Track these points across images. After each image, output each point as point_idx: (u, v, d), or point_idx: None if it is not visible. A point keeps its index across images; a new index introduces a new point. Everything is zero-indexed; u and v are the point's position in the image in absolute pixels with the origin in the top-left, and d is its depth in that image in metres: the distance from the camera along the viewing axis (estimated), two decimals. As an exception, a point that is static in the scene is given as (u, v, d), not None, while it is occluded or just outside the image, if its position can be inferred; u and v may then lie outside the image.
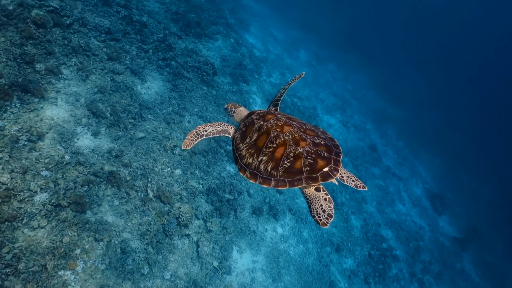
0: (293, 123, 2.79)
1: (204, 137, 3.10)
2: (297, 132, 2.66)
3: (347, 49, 28.97)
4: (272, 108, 3.35)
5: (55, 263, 5.39)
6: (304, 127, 2.79)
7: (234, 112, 3.33)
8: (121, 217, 6.59)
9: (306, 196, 2.54)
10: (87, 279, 5.64)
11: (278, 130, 2.68)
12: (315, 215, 2.39)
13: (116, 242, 6.29)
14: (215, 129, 3.15)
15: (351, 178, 2.70)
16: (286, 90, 3.40)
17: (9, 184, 5.38)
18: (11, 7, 6.89)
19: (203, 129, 3.12)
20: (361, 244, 12.23)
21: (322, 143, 2.64)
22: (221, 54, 13.12)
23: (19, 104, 6.18)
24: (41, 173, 5.85)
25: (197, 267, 7.30)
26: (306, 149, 2.53)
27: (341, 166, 2.54)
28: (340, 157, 2.58)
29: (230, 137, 3.17)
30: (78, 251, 5.74)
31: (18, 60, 6.57)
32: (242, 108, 3.35)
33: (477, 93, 40.83)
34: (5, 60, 6.37)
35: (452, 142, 27.94)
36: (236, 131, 3.11)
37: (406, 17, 48.08)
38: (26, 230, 5.31)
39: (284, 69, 17.81)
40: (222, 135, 3.18)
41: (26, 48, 6.84)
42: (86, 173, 6.45)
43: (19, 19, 6.96)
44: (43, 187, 5.74)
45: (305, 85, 18.71)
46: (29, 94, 6.39)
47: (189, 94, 9.91)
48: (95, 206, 6.33)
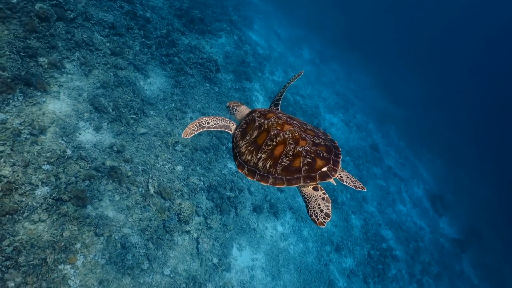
0: (294, 122, 2.78)
1: (206, 129, 3.11)
2: (297, 131, 2.65)
3: (350, 48, 28.88)
4: (273, 108, 3.34)
5: (55, 257, 5.40)
6: (304, 127, 2.78)
7: (236, 110, 3.32)
8: (122, 212, 6.59)
9: (303, 195, 2.52)
10: (87, 273, 5.66)
11: (279, 128, 2.67)
12: (313, 214, 2.38)
13: (117, 237, 6.30)
14: (217, 123, 3.15)
15: (350, 179, 2.69)
16: (286, 89, 3.39)
17: (10, 177, 5.38)
18: (14, 0, 6.87)
19: (206, 121, 3.13)
20: (361, 244, 12.23)
21: (322, 143, 2.63)
22: (224, 51, 13.08)
23: (22, 98, 6.17)
24: (43, 167, 5.85)
25: (196, 264, 7.31)
26: (306, 148, 2.52)
27: (340, 166, 2.53)
28: (339, 158, 2.56)
29: (231, 133, 3.17)
30: (78, 245, 5.75)
31: (21, 54, 6.56)
32: (244, 107, 3.35)
33: (478, 93, 40.65)
34: (8, 53, 6.36)
35: (454, 143, 27.86)
36: (237, 128, 3.11)
37: (409, 17, 47.92)
38: (26, 223, 5.32)
39: (287, 67, 17.74)
40: (223, 131, 3.19)
41: (29, 42, 6.83)
42: (88, 168, 6.46)
43: (23, 13, 6.94)
44: (44, 181, 5.75)
45: (308, 83, 18.66)
46: (31, 88, 6.38)
47: (191, 90, 9.89)
48: (96, 201, 6.33)
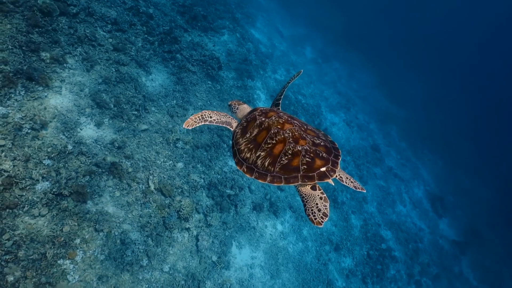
0: (295, 122, 2.78)
1: (207, 123, 3.10)
2: (297, 130, 2.65)
3: (353, 47, 28.81)
4: (274, 108, 3.34)
5: (55, 252, 5.41)
6: (305, 127, 2.78)
7: (238, 109, 3.33)
8: (122, 208, 6.60)
9: (301, 194, 2.52)
10: (86, 269, 5.66)
11: (279, 127, 2.67)
12: (310, 213, 2.38)
13: (116, 233, 6.30)
14: (220, 119, 3.15)
15: (350, 180, 2.70)
16: (286, 88, 3.40)
17: (11, 172, 5.38)
18: (17, -6, 6.86)
19: (209, 115, 3.13)
20: (360, 244, 12.22)
21: (322, 144, 2.63)
22: (226, 49, 13.05)
23: (23, 92, 6.17)
24: (43, 162, 5.85)
25: (196, 261, 7.31)
26: (305, 147, 2.52)
27: (339, 167, 2.53)
28: (338, 159, 2.56)
29: (232, 130, 3.17)
30: (78, 240, 5.76)
31: (23, 48, 6.55)
32: (245, 105, 3.36)
33: (479, 95, 40.54)
34: (10, 47, 6.35)
35: (455, 144, 27.80)
36: (237, 125, 3.12)
37: (412, 17, 47.72)
38: (26, 218, 5.32)
39: (289, 65, 17.70)
40: (225, 127, 3.20)
41: (32, 36, 6.82)
42: (88, 163, 6.46)
43: (26, 7, 6.93)
44: (45, 175, 5.75)
45: (309, 82, 18.62)
46: (33, 82, 6.38)
47: (193, 87, 9.87)
48: (96, 196, 6.33)
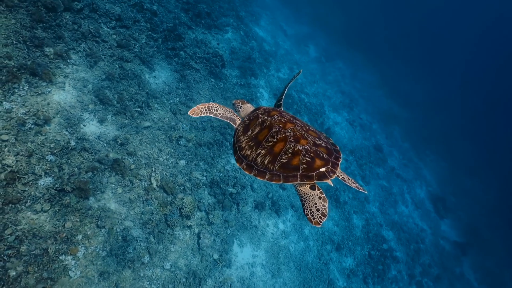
0: (297, 122, 2.80)
1: (212, 115, 3.15)
2: (299, 130, 2.66)
3: (356, 47, 28.71)
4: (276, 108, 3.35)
5: (57, 247, 5.41)
6: (307, 127, 2.79)
7: (241, 108, 3.37)
8: (124, 205, 6.59)
9: (300, 194, 2.52)
10: (88, 265, 5.67)
11: (281, 126, 2.69)
12: (309, 213, 2.38)
13: (118, 230, 6.30)
14: (225, 114, 3.20)
15: (351, 181, 2.71)
16: (287, 89, 3.44)
17: (14, 167, 5.39)
18: (22, -11, 6.84)
19: (215, 108, 3.18)
20: (361, 243, 12.20)
21: (323, 145, 2.64)
22: (230, 47, 13.00)
23: (27, 87, 6.16)
24: (46, 157, 5.85)
25: (197, 259, 7.31)
26: (306, 147, 2.52)
27: (339, 169, 2.53)
28: (339, 161, 2.57)
29: (235, 128, 3.21)
30: (80, 236, 5.76)
31: (27, 43, 6.54)
32: (249, 105, 3.41)
33: (482, 96, 40.36)
34: (15, 42, 6.35)
35: (458, 146, 27.69)
36: (240, 123, 3.16)
37: (416, 17, 47.48)
38: (29, 213, 5.33)
39: (292, 64, 17.65)
40: (229, 122, 3.24)
41: (36, 31, 6.81)
42: (91, 160, 6.45)
43: (30, 2, 6.92)
44: (47, 171, 5.75)
45: (313, 81, 18.56)
46: (37, 78, 6.37)
47: (196, 85, 9.85)
48: (98, 193, 6.33)
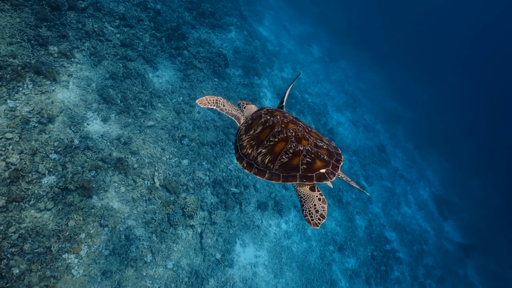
0: (299, 123, 2.80)
1: (219, 110, 3.21)
2: (301, 131, 2.66)
3: (360, 47, 28.63)
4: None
5: (60, 246, 5.42)
6: (309, 129, 2.80)
7: (245, 108, 3.39)
8: (127, 204, 6.60)
9: (299, 195, 2.51)
10: (91, 263, 5.67)
11: (283, 126, 2.70)
12: (307, 214, 2.36)
13: (121, 229, 6.30)
14: (231, 111, 3.25)
15: (353, 182, 2.72)
16: (289, 91, 3.44)
17: (18, 165, 5.40)
18: (27, -12, 6.86)
19: (222, 103, 3.25)
20: (364, 244, 12.15)
21: (324, 147, 2.63)
22: (233, 46, 12.99)
23: (31, 86, 6.18)
24: (50, 156, 5.86)
25: (199, 258, 7.30)
26: (307, 148, 2.52)
27: (339, 171, 2.52)
28: (340, 164, 2.55)
29: (238, 126, 3.23)
30: (83, 235, 5.77)
31: (32, 42, 6.56)
32: (253, 106, 3.43)
33: (488, 97, 40.10)
34: (19, 40, 6.36)
35: (462, 146, 27.55)
36: (243, 122, 3.18)
37: (421, 17, 47.28)
38: (32, 211, 5.34)
39: (296, 64, 17.61)
40: (234, 120, 3.25)
41: (40, 30, 6.82)
42: (94, 158, 6.46)
43: (35, 1, 6.93)
44: (51, 169, 5.76)
45: (316, 81, 18.52)
46: (41, 76, 6.39)
47: (200, 84, 9.84)
48: (101, 191, 6.34)
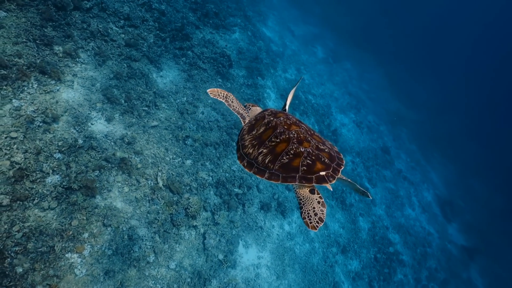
0: (302, 125, 2.81)
1: (226, 104, 3.26)
2: (303, 133, 2.67)
3: (364, 48, 28.54)
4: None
5: (63, 245, 5.43)
6: (312, 132, 2.80)
7: (250, 110, 3.41)
8: (130, 204, 6.60)
9: (299, 197, 2.51)
10: (93, 263, 5.68)
11: (285, 127, 2.71)
12: (306, 217, 2.35)
13: (124, 229, 6.31)
14: (238, 109, 3.29)
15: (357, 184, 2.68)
16: (290, 95, 3.42)
17: (22, 164, 5.42)
18: (33, -12, 6.90)
19: (231, 99, 3.29)
20: (367, 246, 12.09)
21: (326, 150, 2.62)
22: (237, 47, 12.99)
23: (36, 85, 6.20)
24: (54, 155, 5.88)
25: (202, 259, 7.29)
26: (308, 150, 2.52)
27: (339, 175, 2.50)
28: (341, 168, 2.54)
29: (242, 126, 3.25)
30: (86, 235, 5.78)
31: (37, 42, 6.59)
32: (258, 108, 3.44)
33: (491, 98, 39.84)
34: (25, 40, 6.40)
35: (466, 149, 27.37)
36: (247, 123, 3.20)
37: (425, 19, 47.07)
38: (36, 210, 5.35)
39: (300, 65, 17.58)
40: (239, 118, 3.25)
41: (45, 30, 6.85)
42: (98, 158, 6.47)
43: (40, 1, 6.97)
44: (55, 169, 5.77)
45: (320, 82, 18.47)
46: (46, 76, 6.41)
47: (203, 85, 9.84)
48: (105, 191, 6.35)
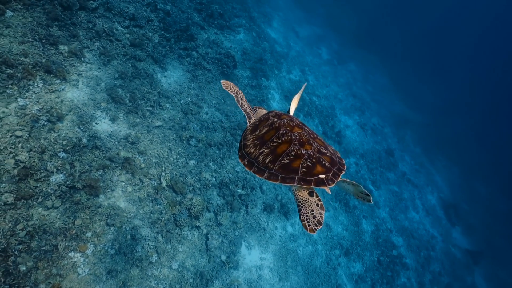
0: (305, 128, 2.81)
1: (235, 100, 3.30)
2: (305, 135, 2.66)
3: (369, 49, 28.46)
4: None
5: (66, 244, 5.44)
6: (314, 135, 2.79)
7: (256, 112, 3.42)
8: (134, 203, 6.61)
9: (297, 199, 2.49)
10: (96, 262, 5.69)
11: (288, 129, 2.71)
12: (304, 219, 2.33)
13: (127, 228, 6.31)
14: (245, 107, 3.31)
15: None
16: (296, 101, 3.39)
17: (27, 163, 5.44)
18: (39, -12, 6.93)
19: (241, 96, 3.32)
20: (370, 249, 12.02)
21: (327, 154, 2.61)
22: (242, 48, 12.99)
23: (42, 84, 6.23)
24: (58, 154, 5.89)
25: (205, 260, 7.28)
26: (309, 152, 2.51)
27: (340, 179, 2.48)
28: (341, 173, 2.52)
29: (246, 126, 3.26)
30: (89, 234, 5.79)
31: (43, 41, 6.62)
32: (264, 110, 3.45)
33: (496, 101, 39.54)
34: (31, 40, 6.43)
35: (471, 152, 27.17)
36: (251, 123, 3.22)
37: (430, 20, 46.83)
38: (40, 209, 5.37)
39: (304, 66, 17.56)
40: (243, 119, 3.27)
41: (51, 30, 6.89)
42: (102, 158, 6.49)
43: (47, 0, 7.00)
44: (59, 168, 5.79)
45: (324, 84, 18.43)
46: (51, 75, 6.44)
47: (208, 85, 9.84)
48: (108, 191, 6.36)
